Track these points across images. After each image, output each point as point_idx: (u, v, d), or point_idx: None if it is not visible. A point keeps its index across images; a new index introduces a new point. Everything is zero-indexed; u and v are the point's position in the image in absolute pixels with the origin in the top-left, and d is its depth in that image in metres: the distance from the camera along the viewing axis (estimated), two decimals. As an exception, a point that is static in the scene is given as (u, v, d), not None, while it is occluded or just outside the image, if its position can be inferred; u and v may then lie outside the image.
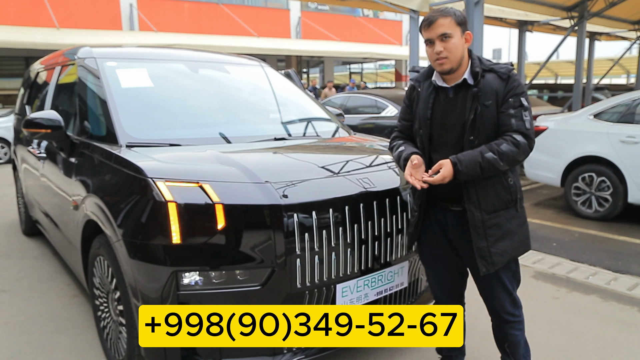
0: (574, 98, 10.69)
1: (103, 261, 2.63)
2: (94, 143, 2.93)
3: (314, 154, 3.10)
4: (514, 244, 2.20)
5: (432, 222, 2.34)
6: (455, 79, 2.16)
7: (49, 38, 14.10)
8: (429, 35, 2.11)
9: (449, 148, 2.18)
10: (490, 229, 2.14)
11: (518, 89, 2.11)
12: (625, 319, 3.34)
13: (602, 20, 10.89)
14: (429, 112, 2.21)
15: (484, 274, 2.19)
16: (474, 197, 2.14)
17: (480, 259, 2.16)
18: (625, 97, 5.88)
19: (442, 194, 2.24)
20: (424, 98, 2.25)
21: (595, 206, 5.85)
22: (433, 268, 2.45)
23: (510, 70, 2.13)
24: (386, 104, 8.57)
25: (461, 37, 2.11)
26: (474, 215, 2.14)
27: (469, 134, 2.12)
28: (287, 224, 2.21)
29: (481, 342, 2.94)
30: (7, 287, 3.90)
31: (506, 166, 2.08)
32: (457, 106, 2.17)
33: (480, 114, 2.09)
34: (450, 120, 2.18)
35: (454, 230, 2.27)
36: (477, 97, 2.10)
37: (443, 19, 2.08)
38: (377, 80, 36.73)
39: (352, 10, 24.14)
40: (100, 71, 3.21)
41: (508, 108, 2.09)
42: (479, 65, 2.14)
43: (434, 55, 2.12)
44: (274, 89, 3.97)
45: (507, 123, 2.09)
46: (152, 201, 2.20)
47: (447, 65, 2.11)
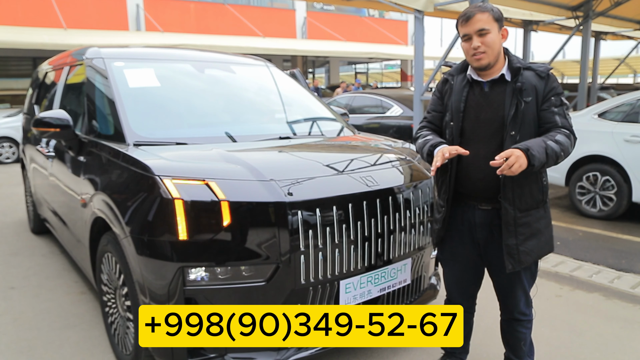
0: (579, 97, 10.68)
1: (111, 258, 2.68)
2: (102, 142, 2.98)
3: (319, 152, 3.13)
4: (541, 243, 2.22)
5: (459, 220, 2.32)
6: (492, 74, 2.18)
7: (56, 38, 14.20)
8: (466, 30, 2.13)
9: (481, 142, 2.18)
10: (521, 227, 2.16)
11: (558, 88, 2.16)
12: (628, 316, 3.36)
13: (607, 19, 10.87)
14: (462, 105, 2.22)
15: (509, 271, 2.19)
16: (509, 194, 2.14)
17: (508, 256, 2.17)
18: (630, 96, 5.88)
19: (472, 192, 2.24)
20: (458, 91, 2.26)
21: (600, 205, 5.86)
22: (452, 266, 2.45)
23: (549, 69, 2.16)
24: (391, 104, 8.59)
25: (498, 32, 2.13)
26: (507, 212, 2.15)
27: (510, 128, 2.11)
28: (292, 221, 2.25)
29: (484, 340, 2.97)
30: (16, 284, 3.96)
31: (562, 158, 2.11)
32: (493, 101, 2.17)
33: (523, 110, 2.11)
34: (485, 115, 2.18)
35: (482, 229, 2.26)
36: (519, 93, 2.11)
37: (481, 14, 2.10)
38: (382, 80, 36.75)
39: (358, 10, 24.16)
40: (108, 71, 3.26)
41: (551, 106, 2.13)
42: (519, 62, 2.17)
43: (471, 51, 2.13)
44: (279, 89, 4.01)
45: (552, 120, 2.13)
46: (159, 198, 2.25)
47: (485, 61, 2.12)
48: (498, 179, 2.13)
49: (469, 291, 2.49)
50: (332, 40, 21.86)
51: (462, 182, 2.23)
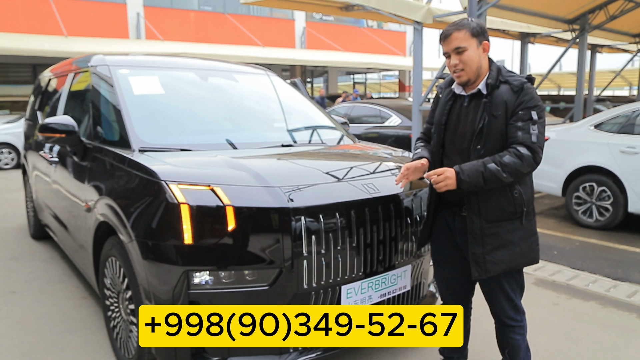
0: (575, 109, 10.78)
1: (115, 262, 2.71)
2: (107, 147, 3.02)
3: (320, 160, 3.18)
4: (514, 255, 2.23)
5: (442, 224, 2.44)
6: (472, 88, 2.25)
7: (57, 46, 14.28)
8: (445, 48, 2.21)
9: (458, 155, 2.26)
10: (488, 237, 2.20)
11: (530, 102, 2.13)
12: (624, 324, 3.40)
13: (603, 32, 10.99)
14: (444, 118, 2.32)
15: (475, 278, 2.28)
16: (474, 205, 2.21)
17: (474, 264, 2.24)
18: (626, 108, 5.96)
19: (452, 199, 2.32)
20: (442, 104, 2.36)
21: (596, 215, 5.91)
22: (441, 268, 2.54)
23: (524, 83, 2.16)
24: (390, 114, 8.67)
25: (477, 48, 2.17)
26: (472, 222, 2.22)
27: (476, 142, 2.18)
28: (295, 226, 2.29)
29: (482, 346, 3.00)
30: (17, 288, 3.98)
31: (510, 178, 2.10)
32: (469, 115, 2.25)
33: (488, 124, 2.15)
34: (463, 128, 2.26)
35: (460, 234, 2.34)
36: (486, 107, 2.17)
37: (457, 32, 2.16)
38: (380, 91, 36.93)
39: (357, 21, 24.36)
40: (114, 78, 3.31)
41: (517, 120, 2.13)
42: (494, 77, 2.20)
43: (452, 68, 2.21)
44: (280, 97, 4.06)
45: (514, 135, 2.14)
46: (165, 203, 2.29)
47: (464, 77, 2.20)
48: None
49: (460, 293, 2.54)
50: (330, 50, 22.01)
51: (446, 190, 2.25)
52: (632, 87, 29.91)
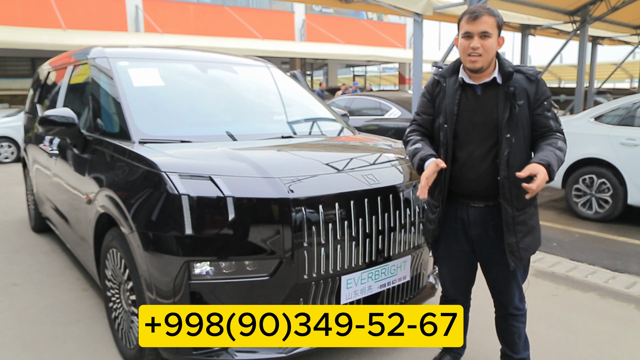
0: (575, 101, 10.78)
1: (116, 253, 2.72)
2: (107, 139, 3.02)
3: (321, 151, 3.18)
4: (535, 239, 2.29)
5: (452, 218, 2.36)
6: (483, 77, 2.21)
7: (55, 39, 14.22)
8: (470, 28, 2.13)
9: (475, 144, 2.23)
10: (519, 225, 2.22)
11: (548, 92, 2.24)
12: (622, 315, 3.42)
13: (604, 24, 10.97)
14: (455, 108, 2.25)
15: (513, 269, 2.25)
16: (508, 194, 2.18)
17: (510, 255, 2.22)
18: (626, 100, 5.96)
19: (464, 191, 2.29)
20: (450, 94, 2.27)
21: (596, 207, 5.92)
22: (447, 264, 2.48)
23: (538, 73, 2.21)
24: (390, 106, 8.65)
25: (497, 39, 2.16)
26: (507, 211, 2.19)
27: (505, 131, 2.15)
28: (295, 217, 2.30)
29: (481, 337, 3.02)
30: (19, 280, 3.99)
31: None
32: (486, 104, 2.21)
33: (516, 113, 2.16)
34: (479, 118, 2.22)
35: (476, 226, 2.30)
36: (512, 96, 2.15)
37: (488, 17, 2.12)
38: (380, 83, 36.87)
39: (357, 13, 24.27)
40: (113, 71, 3.31)
41: (544, 111, 2.20)
42: (508, 66, 2.20)
43: (468, 49, 2.14)
44: (279, 89, 4.06)
45: (547, 125, 2.21)
46: (165, 194, 2.29)
47: (479, 64, 2.15)
48: (491, 178, 2.21)
49: (465, 287, 2.54)
50: (330, 42, 21.95)
51: (456, 182, 2.28)
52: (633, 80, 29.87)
